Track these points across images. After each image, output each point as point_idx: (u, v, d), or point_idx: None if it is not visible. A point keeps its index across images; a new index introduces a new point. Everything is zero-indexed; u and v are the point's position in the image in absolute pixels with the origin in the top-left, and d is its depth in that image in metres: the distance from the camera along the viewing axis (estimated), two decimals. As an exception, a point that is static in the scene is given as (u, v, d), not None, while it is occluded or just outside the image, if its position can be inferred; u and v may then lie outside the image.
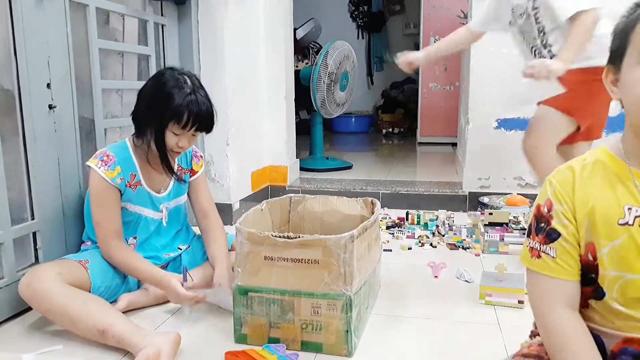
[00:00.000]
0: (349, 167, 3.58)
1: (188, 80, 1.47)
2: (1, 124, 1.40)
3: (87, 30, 1.73)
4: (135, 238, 1.59)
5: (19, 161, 1.50)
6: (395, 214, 2.57)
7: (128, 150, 1.55)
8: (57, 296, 1.28)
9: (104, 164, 1.47)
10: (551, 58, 1.79)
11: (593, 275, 0.86)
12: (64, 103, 1.61)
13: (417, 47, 5.71)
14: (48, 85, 1.54)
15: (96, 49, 1.76)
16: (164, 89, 1.45)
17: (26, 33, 1.46)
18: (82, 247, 1.61)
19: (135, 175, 1.54)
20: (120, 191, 1.51)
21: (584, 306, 0.88)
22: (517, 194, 2.53)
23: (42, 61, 1.52)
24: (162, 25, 2.20)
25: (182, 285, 1.42)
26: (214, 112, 1.51)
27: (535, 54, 1.89)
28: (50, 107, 1.55)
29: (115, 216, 1.50)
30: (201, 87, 1.51)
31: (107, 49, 1.87)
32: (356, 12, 6.66)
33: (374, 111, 6.51)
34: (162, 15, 2.19)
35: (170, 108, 1.43)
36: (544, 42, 1.85)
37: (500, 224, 2.11)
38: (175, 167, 1.63)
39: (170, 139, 1.49)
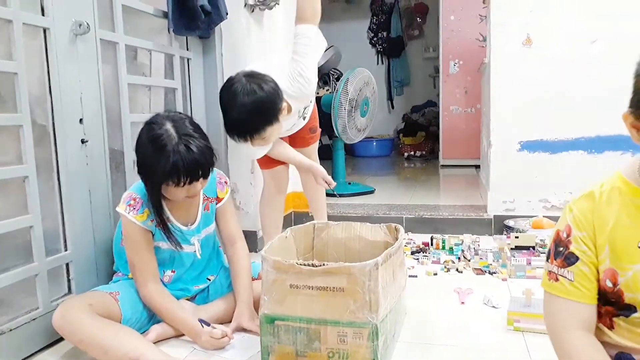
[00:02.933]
0: (372, 192, 3.59)
1: (172, 131, 1.37)
2: (37, 158, 1.45)
3: (117, 67, 1.80)
4: (173, 272, 1.62)
5: (53, 194, 1.56)
6: (420, 238, 2.56)
7: None
8: (88, 327, 1.31)
9: (132, 208, 1.48)
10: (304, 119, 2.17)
11: (613, 300, 0.86)
12: (95, 137, 1.66)
13: (437, 70, 5.76)
14: (80, 120, 1.60)
15: (125, 84, 1.82)
16: (149, 151, 1.38)
17: (60, 71, 1.53)
18: (114, 277, 1.64)
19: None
20: (152, 232, 1.52)
21: (610, 327, 0.89)
22: (543, 216, 2.50)
23: (75, 98, 1.59)
24: (188, 59, 2.27)
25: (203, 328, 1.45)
26: (205, 156, 1.39)
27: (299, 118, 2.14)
28: (83, 141, 1.61)
29: (151, 258, 1.52)
30: (188, 133, 1.38)
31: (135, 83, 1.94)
32: (375, 39, 6.77)
33: (395, 135, 6.53)
34: (187, 49, 2.27)
35: (158, 173, 1.37)
36: (305, 110, 2.11)
37: (527, 248, 2.09)
38: (201, 198, 1.64)
39: (174, 194, 1.43)
